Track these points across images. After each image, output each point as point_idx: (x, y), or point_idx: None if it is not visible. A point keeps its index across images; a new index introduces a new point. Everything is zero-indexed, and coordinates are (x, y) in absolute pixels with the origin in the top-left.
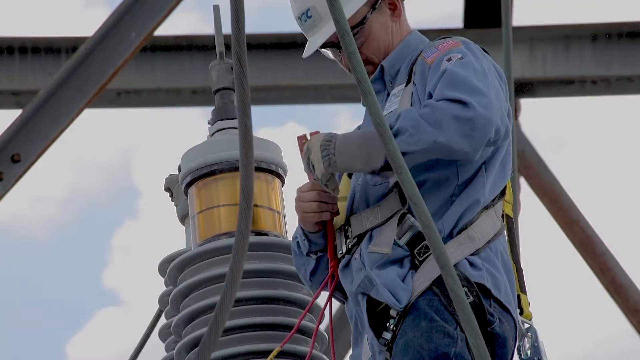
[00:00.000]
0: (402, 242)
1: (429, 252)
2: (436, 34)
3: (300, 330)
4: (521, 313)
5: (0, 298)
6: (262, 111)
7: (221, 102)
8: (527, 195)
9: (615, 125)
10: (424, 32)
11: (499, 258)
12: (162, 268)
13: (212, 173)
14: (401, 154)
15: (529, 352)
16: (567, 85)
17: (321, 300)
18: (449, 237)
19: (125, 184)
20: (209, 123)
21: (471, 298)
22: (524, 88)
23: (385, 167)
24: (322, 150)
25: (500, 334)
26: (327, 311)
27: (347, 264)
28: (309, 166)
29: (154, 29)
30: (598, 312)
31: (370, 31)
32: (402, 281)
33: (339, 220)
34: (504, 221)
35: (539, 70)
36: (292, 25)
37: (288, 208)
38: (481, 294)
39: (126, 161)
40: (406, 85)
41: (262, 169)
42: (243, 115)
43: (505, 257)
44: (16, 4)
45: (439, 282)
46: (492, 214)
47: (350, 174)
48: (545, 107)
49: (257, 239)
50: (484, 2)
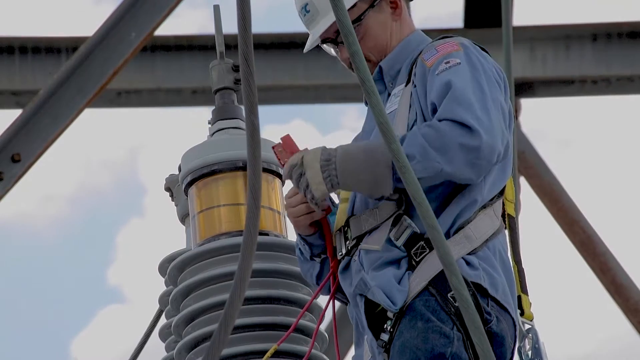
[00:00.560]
0: (400, 243)
1: (426, 253)
2: (436, 34)
3: (300, 330)
4: (522, 314)
5: (6, 296)
6: (267, 109)
7: (221, 102)
8: (527, 195)
9: (615, 126)
10: (424, 32)
11: (497, 257)
12: (162, 268)
13: (212, 173)
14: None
15: (529, 353)
16: (567, 85)
17: (323, 300)
18: (446, 236)
19: (132, 182)
20: (209, 123)
21: None
22: (524, 88)
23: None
24: (323, 171)
25: (497, 332)
26: (329, 310)
27: (347, 266)
28: (301, 184)
29: (154, 29)
30: (598, 312)
31: (367, 28)
32: (399, 282)
33: (340, 222)
34: (504, 221)
35: (539, 70)
36: (292, 25)
37: None
38: (478, 293)
39: (133, 159)
40: (406, 85)
41: (262, 169)
42: (250, 115)
43: (504, 257)
44: (16, 4)
45: (435, 282)
46: (491, 213)
47: None
48: (545, 107)
49: (257, 238)
50: (484, 2)
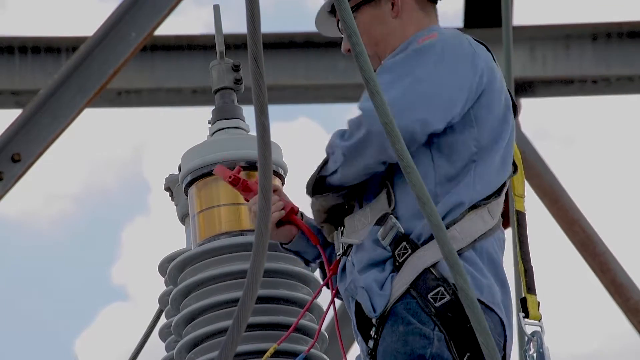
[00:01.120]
0: (386, 242)
1: (408, 254)
2: None
3: (300, 330)
4: (527, 316)
5: (10, 294)
6: (270, 108)
7: (221, 101)
8: (528, 195)
9: (615, 125)
10: None
11: (485, 259)
12: (162, 268)
13: (213, 173)
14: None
15: (534, 356)
16: (567, 85)
17: (324, 300)
18: (432, 238)
19: (137, 181)
20: (209, 123)
21: (447, 297)
22: (524, 88)
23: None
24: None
25: None
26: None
27: (345, 267)
28: None
29: (154, 29)
30: (598, 312)
31: (358, 23)
32: (381, 287)
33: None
34: (504, 219)
35: (539, 70)
36: (292, 25)
37: None
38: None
39: (138, 158)
40: None
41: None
42: (261, 116)
43: (495, 257)
44: (16, 4)
45: (415, 284)
46: (484, 214)
47: None
48: (545, 106)
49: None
50: (484, 1)
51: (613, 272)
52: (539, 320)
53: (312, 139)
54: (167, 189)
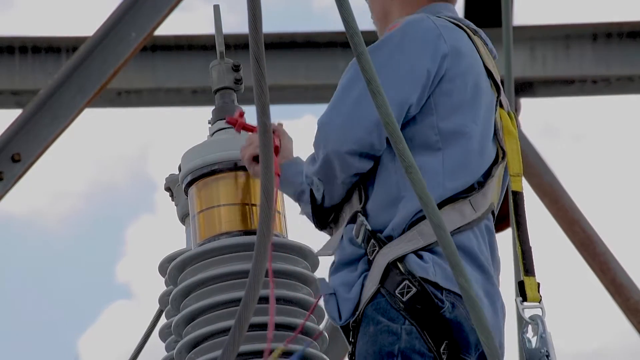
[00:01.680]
0: (360, 240)
1: (376, 251)
2: None
3: (301, 330)
4: (525, 300)
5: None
6: (275, 107)
7: (221, 101)
8: (527, 195)
9: (615, 125)
10: None
11: (460, 251)
12: (162, 268)
13: (212, 173)
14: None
15: (534, 341)
16: (567, 85)
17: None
18: (401, 234)
19: (144, 179)
20: (209, 123)
21: (414, 289)
22: (524, 88)
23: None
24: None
25: (451, 319)
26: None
27: None
28: None
29: (154, 29)
30: (598, 312)
31: None
32: (350, 289)
33: None
34: (496, 203)
35: (539, 70)
36: (292, 25)
37: (288, 208)
38: (429, 285)
39: (145, 156)
40: None
41: None
42: (262, 116)
43: (473, 250)
44: (16, 4)
45: (384, 282)
46: (463, 207)
47: None
48: (545, 106)
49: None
50: (484, 1)
51: (613, 272)
52: (538, 302)
53: None
54: (167, 189)
